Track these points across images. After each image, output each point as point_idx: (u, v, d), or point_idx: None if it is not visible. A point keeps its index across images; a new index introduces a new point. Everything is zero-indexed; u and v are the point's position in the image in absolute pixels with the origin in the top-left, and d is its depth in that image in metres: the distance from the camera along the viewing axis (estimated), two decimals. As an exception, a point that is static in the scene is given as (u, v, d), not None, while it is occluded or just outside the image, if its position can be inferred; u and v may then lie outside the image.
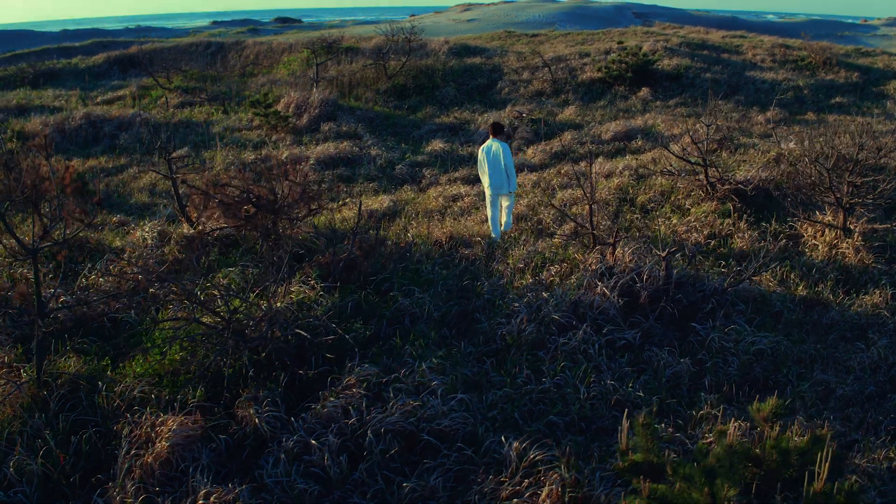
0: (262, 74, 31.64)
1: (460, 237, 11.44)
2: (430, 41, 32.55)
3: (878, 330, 8.48)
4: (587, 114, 22.19)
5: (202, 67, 33.79)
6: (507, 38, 37.19)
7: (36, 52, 44.66)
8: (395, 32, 29.20)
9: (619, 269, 8.78)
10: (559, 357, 7.57)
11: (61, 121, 21.39)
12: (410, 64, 27.67)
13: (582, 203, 13.00)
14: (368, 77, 27.16)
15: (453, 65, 28.29)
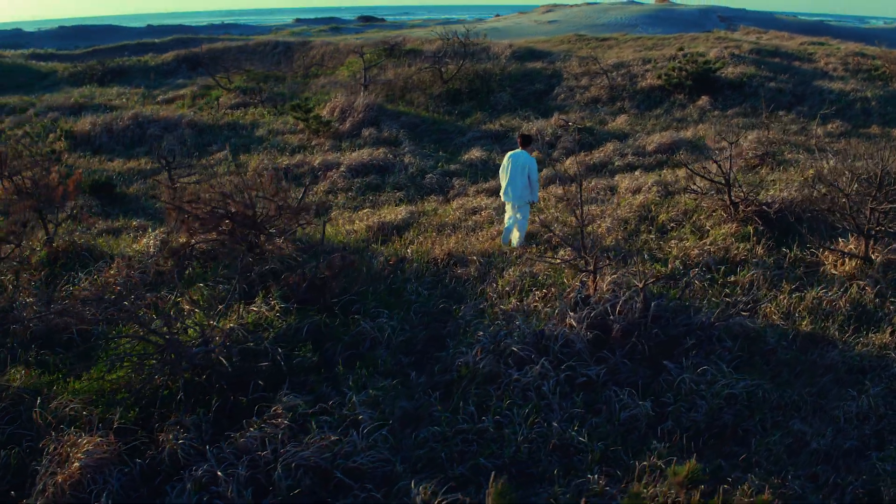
0: (324, 76, 31.81)
1: (459, 255, 11.06)
2: (494, 44, 32.14)
3: (877, 374, 7.76)
4: (639, 123, 21.46)
5: (268, 67, 34.24)
6: (576, 41, 36.44)
7: (115, 47, 46.09)
8: (449, 36, 28.88)
9: (595, 300, 8.27)
10: (511, 393, 7.15)
11: (110, 121, 21.88)
12: (467, 68, 27.33)
13: (601, 220, 12.49)
14: (425, 81, 26.94)
15: (512, 69, 27.83)
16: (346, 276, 9.34)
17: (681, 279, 9.99)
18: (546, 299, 9.10)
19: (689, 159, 17.11)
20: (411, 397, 7.24)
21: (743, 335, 8.29)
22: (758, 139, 17.55)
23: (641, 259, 10.70)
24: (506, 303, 9.17)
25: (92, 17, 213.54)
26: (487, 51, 31.48)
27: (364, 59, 27.32)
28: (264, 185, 9.83)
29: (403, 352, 8.24)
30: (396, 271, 10.53)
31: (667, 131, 19.50)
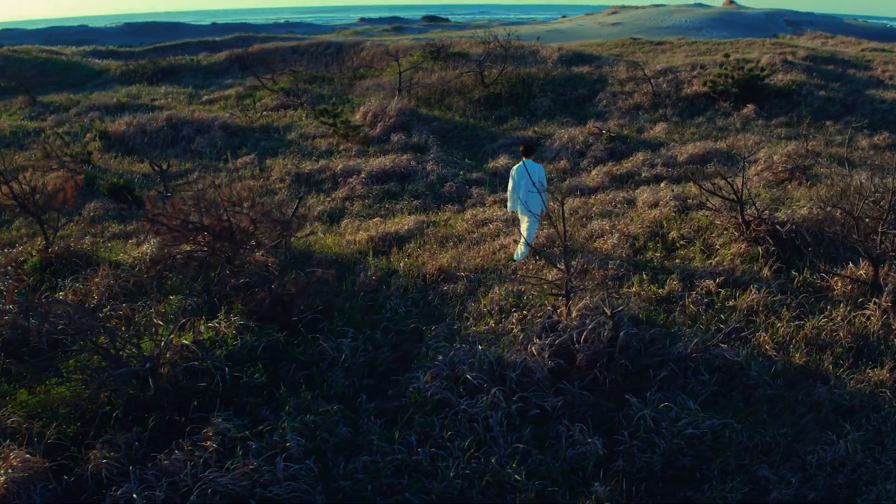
0: (370, 78, 31.70)
1: (450, 270, 10.74)
2: (543, 48, 31.67)
3: (866, 415, 7.20)
4: (679, 131, 20.76)
5: (318, 68, 34.30)
6: (630, 45, 35.71)
7: (176, 45, 46.92)
8: (489, 39, 28.53)
9: (562, 326, 7.87)
10: (457, 423, 6.82)
11: (144, 122, 22.12)
12: (509, 72, 26.96)
13: (609, 235, 12.02)
14: (467, 84, 26.64)
15: (557, 74, 27.31)
16: (318, 293, 9.11)
17: (677, 302, 9.51)
18: (524, 322, 8.72)
19: (721, 171, 16.46)
20: (354, 424, 6.96)
21: (724, 368, 7.79)
22: (795, 151, 16.77)
23: (640, 279, 10.22)
24: (482, 324, 8.83)
25: (160, 12, 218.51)
26: (535, 54, 31.05)
27: (400, 63, 27.13)
28: (242, 199, 9.61)
29: (364, 374, 7.98)
30: (382, 286, 10.28)
31: (700, 141, 18.79)
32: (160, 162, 12.04)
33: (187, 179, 15.94)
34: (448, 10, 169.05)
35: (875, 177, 12.15)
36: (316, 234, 12.94)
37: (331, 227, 14.28)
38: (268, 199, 14.39)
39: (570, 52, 31.01)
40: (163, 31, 79.90)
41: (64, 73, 36.15)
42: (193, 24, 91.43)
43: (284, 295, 8.64)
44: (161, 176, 11.26)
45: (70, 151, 19.39)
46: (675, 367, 7.64)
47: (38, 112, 26.66)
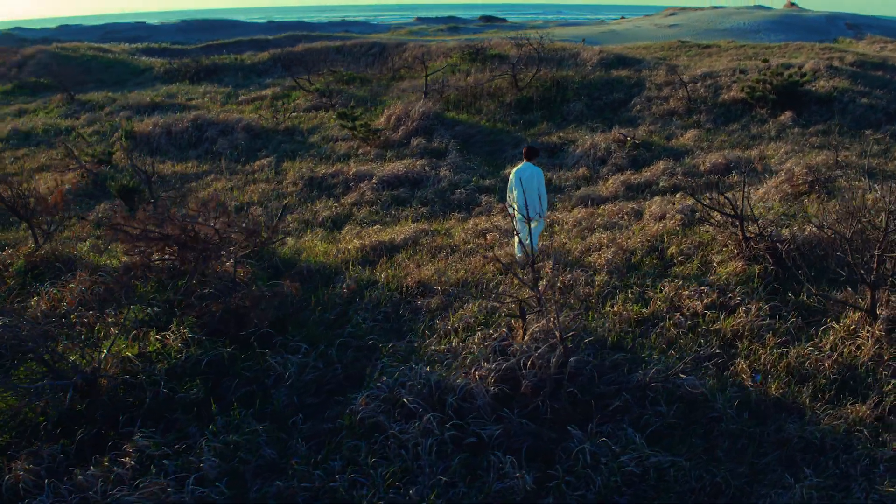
0: (409, 79, 31.45)
1: (430, 283, 10.42)
2: (584, 50, 31.10)
3: (835, 456, 6.66)
4: (709, 139, 20.06)
5: (361, 69, 34.20)
6: (677, 48, 34.87)
7: (229, 43, 47.41)
8: (522, 41, 28.07)
9: (513, 350, 7.48)
10: (386, 449, 6.50)
11: (170, 122, 22.26)
12: (545, 75, 26.49)
13: (606, 249, 11.55)
14: (500, 87, 26.23)
15: (594, 77, 26.72)
16: (280, 306, 8.88)
17: (658, 324, 9.04)
18: (485, 342, 8.35)
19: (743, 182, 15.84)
20: (284, 445, 6.69)
21: (687, 399, 7.31)
22: (824, 161, 16.03)
23: (625, 297, 9.76)
24: (444, 343, 8.48)
25: (219, 9, 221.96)
26: (576, 57, 30.50)
27: (428, 66, 26.89)
28: (210, 209, 9.43)
29: (311, 392, 7.71)
30: (356, 299, 10.01)
31: (726, 150, 18.12)
32: (145, 168, 11.90)
33: (181, 185, 15.88)
34: (511, 8, 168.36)
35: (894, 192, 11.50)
36: (286, 242, 12.68)
37: (331, 234, 14.08)
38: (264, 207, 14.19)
39: (611, 55, 30.37)
40: (218, 28, 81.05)
41: (108, 71, 36.78)
42: (249, 22, 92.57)
43: (239, 308, 8.42)
44: (145, 182, 11.10)
45: (91, 151, 19.57)
46: (631, 396, 7.19)
47: (74, 110, 27.12)
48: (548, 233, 12.98)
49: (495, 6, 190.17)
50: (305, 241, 13.29)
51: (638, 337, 8.67)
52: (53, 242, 12.04)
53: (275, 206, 15.91)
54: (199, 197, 16.28)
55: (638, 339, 8.60)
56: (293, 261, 11.43)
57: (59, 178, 17.85)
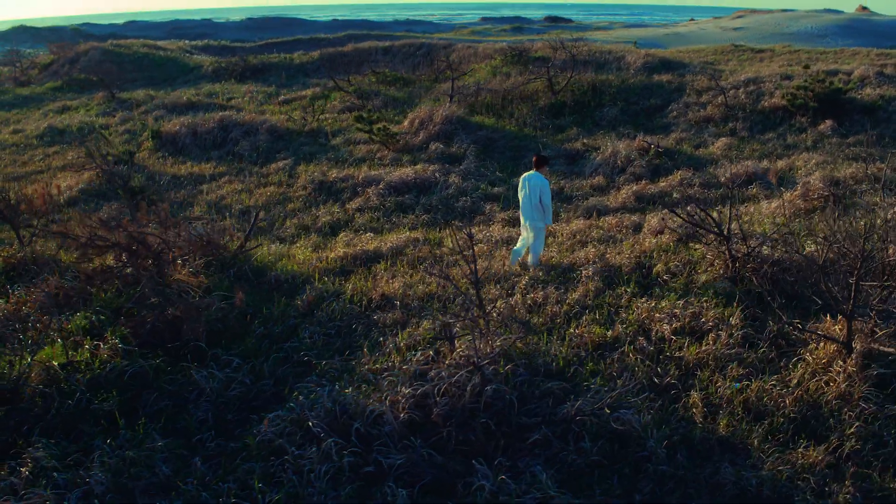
0: (450, 80, 31.08)
1: (395, 297, 10.08)
2: (629, 53, 30.36)
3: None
4: (741, 148, 19.20)
5: (408, 70, 33.98)
6: (730, 52, 33.73)
7: (288, 41, 47.81)
8: (557, 44, 27.48)
9: (432, 375, 7.07)
10: (283, 474, 6.20)
11: (197, 123, 22.35)
12: (584, 79, 25.86)
13: (591, 265, 11.03)
14: (536, 91, 25.71)
15: (634, 82, 25.96)
16: (225, 317, 8.65)
17: (618, 348, 8.53)
18: (422, 362, 7.96)
19: (763, 194, 15.08)
20: (185, 463, 6.46)
21: (617, 435, 6.80)
22: (854, 174, 15.14)
23: (592, 318, 9.27)
24: (382, 361, 8.13)
25: (287, 6, 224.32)
26: (620, 60, 29.79)
27: (452, 70, 26.48)
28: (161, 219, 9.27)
29: (234, 408, 7.45)
30: (314, 311, 9.74)
31: (753, 160, 17.29)
32: (124, 175, 11.82)
33: (193, 186, 15.83)
34: (582, 8, 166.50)
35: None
36: (267, 249, 12.47)
37: (325, 240, 13.86)
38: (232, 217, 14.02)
39: (656, 58, 29.54)
40: (282, 26, 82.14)
41: (159, 69, 37.35)
42: (313, 20, 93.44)
43: (175, 319, 8.21)
44: (123, 189, 11.02)
45: (112, 150, 19.78)
46: (553, 430, 6.72)
47: (112, 108, 27.57)
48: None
49: (568, 6, 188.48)
50: (291, 248, 13.08)
51: (591, 362, 8.17)
52: (37, 244, 12.08)
53: (278, 212, 15.78)
54: (205, 199, 16.28)
55: (590, 365, 8.10)
56: (266, 269, 11.20)
57: (75, 177, 18.06)
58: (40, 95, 32.63)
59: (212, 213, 15.73)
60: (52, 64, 39.32)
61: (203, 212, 15.90)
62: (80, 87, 32.43)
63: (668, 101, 24.12)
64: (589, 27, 76.54)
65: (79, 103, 29.54)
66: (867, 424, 6.99)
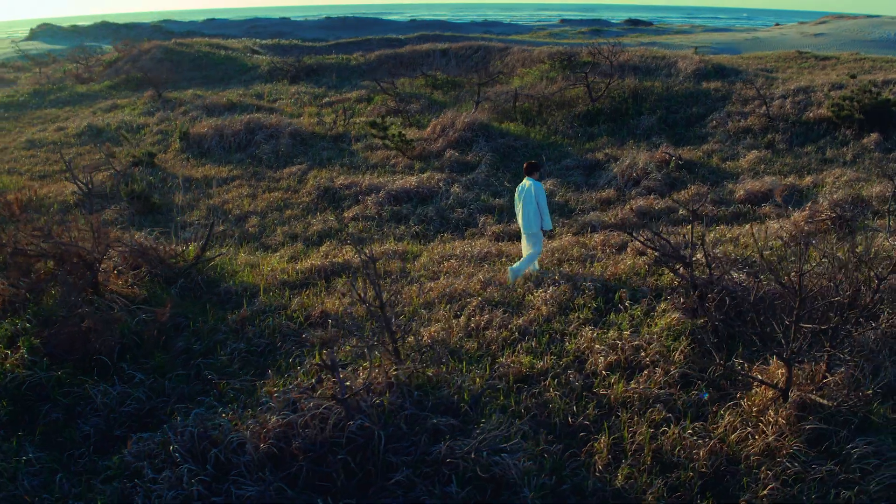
0: (501, 84, 30.53)
1: (334, 314, 9.70)
2: (682, 59, 29.19)
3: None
4: (772, 161, 18.12)
5: (462, 73, 33.52)
6: (793, 59, 32.13)
7: (359, 41, 47.90)
8: (594, 50, 26.62)
9: (302, 405, 6.65)
10: (132, 498, 5.92)
11: (224, 125, 22.43)
12: (629, 85, 24.99)
13: (552, 286, 10.43)
14: (575, 97, 24.97)
15: (679, 89, 24.96)
16: (141, 331, 8.43)
17: (541, 381, 7.96)
18: (314, 389, 7.54)
19: (776, 212, 14.14)
20: (50, 477, 6.26)
21: (490, 480, 6.25)
22: (880, 193, 14.08)
23: (528, 346, 8.70)
24: (282, 383, 7.76)
25: (369, 4, 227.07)
26: (671, 66, 28.71)
27: (478, 77, 25.94)
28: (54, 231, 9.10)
29: (125, 424, 7.23)
30: (246, 327, 9.44)
31: (779, 175, 16.29)
32: (88, 182, 11.72)
33: (203, 189, 15.73)
34: (666, 10, 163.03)
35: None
36: (230, 259, 12.24)
37: (309, 250, 13.59)
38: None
39: (710, 64, 28.35)
40: (359, 25, 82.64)
41: (217, 68, 37.83)
42: (390, 20, 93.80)
43: (88, 331, 8.00)
44: (87, 196, 10.92)
45: (134, 152, 19.98)
46: (420, 471, 6.23)
47: (157, 108, 27.97)
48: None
49: (655, 8, 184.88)
50: (267, 257, 12.86)
51: (504, 397, 7.62)
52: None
53: (273, 218, 15.61)
54: (208, 203, 16.23)
55: (500, 399, 7.55)
56: (215, 282, 10.97)
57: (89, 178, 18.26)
58: (96, 93, 33.44)
59: (210, 218, 15.66)
60: (116, 62, 40.31)
61: (201, 216, 15.84)
62: (136, 86, 33.08)
63: (710, 110, 23.08)
64: (668, 30, 74.61)
65: (128, 102, 30.12)
66: (785, 487, 6.26)
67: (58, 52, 55.23)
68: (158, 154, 21.38)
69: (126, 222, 15.35)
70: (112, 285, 9.54)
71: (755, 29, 76.21)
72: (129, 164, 19.56)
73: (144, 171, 19.05)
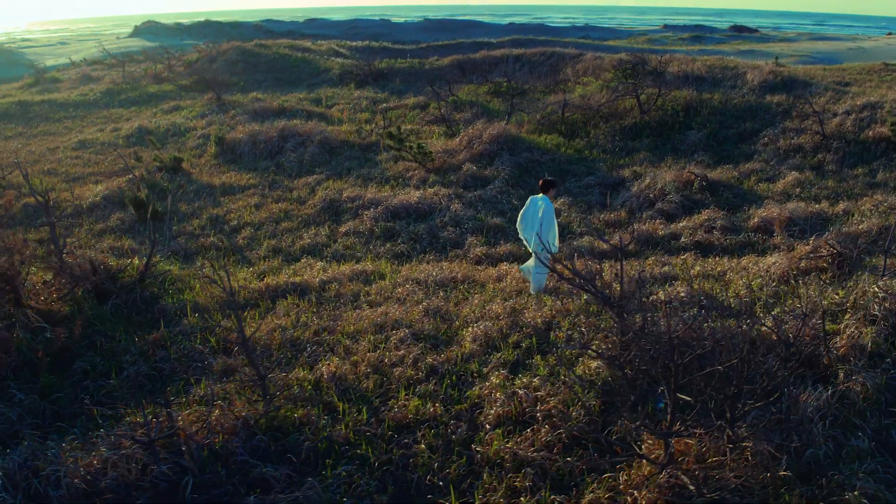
0: (565, 92, 29.61)
1: (249, 341, 9.31)
2: (751, 70, 27.57)
3: None
4: (813, 184, 16.71)
5: (533, 80, 32.75)
6: (878, 71, 29.91)
7: (449, 45, 47.78)
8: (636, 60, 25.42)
9: (124, 443, 6.27)
10: None
11: (257, 132, 22.43)
12: (681, 96, 23.76)
13: (487, 322, 9.76)
14: (625, 108, 23.91)
15: (737, 102, 23.53)
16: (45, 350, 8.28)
17: (417, 432, 7.36)
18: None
19: (786, 244, 12.94)
20: None
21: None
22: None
23: (427, 390, 8.09)
24: (138, 416, 7.41)
25: (466, 6, 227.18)
26: (740, 77, 27.17)
27: (505, 86, 25.10)
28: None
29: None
30: (157, 349, 9.18)
31: (790, 203, 14.98)
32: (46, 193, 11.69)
33: (214, 198, 15.67)
34: (777, 16, 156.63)
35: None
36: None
37: (281, 267, 13.29)
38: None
39: (780, 75, 26.64)
40: (458, 28, 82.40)
41: (290, 70, 38.17)
42: (490, 23, 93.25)
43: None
44: (44, 208, 10.89)
45: (161, 156, 20.20)
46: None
47: (213, 111, 28.33)
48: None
49: (768, 14, 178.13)
50: (237, 273, 12.62)
51: (371, 445, 7.05)
52: None
53: (267, 230, 15.39)
54: (212, 212, 16.18)
55: (364, 449, 6.98)
56: (152, 300, 10.74)
57: (108, 182, 18.58)
58: (165, 94, 34.21)
59: (207, 229, 15.60)
60: (196, 62, 41.25)
61: (200, 226, 15.79)
62: (204, 87, 33.61)
63: (766, 126, 21.62)
64: (773, 38, 71.43)
65: (189, 104, 30.67)
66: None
67: (151, 49, 57.06)
68: (191, 159, 21.59)
69: (126, 230, 15.46)
70: (33, 301, 9.43)
71: (863, 38, 72.23)
72: (154, 169, 19.75)
73: (167, 177, 19.20)
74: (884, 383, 7.10)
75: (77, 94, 35.57)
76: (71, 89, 38.34)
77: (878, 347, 7.83)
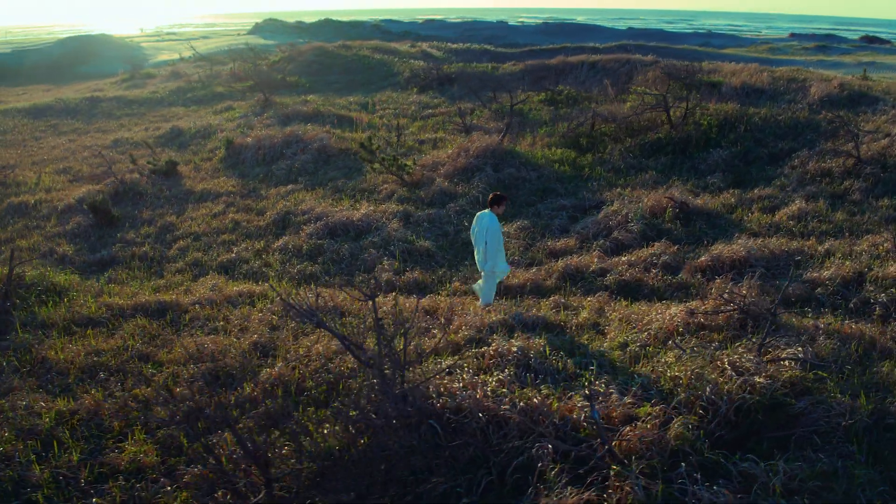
0: (613, 103, 27.91)
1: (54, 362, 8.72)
2: (816, 83, 25.03)
3: None
4: (814, 217, 14.61)
5: (602, 88, 31.23)
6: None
7: (554, 49, 46.59)
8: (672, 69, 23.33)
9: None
10: None
11: (264, 137, 22.12)
12: (719, 110, 21.84)
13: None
14: (654, 122, 22.13)
15: (784, 118, 21.28)
16: None
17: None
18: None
19: (729, 289, 11.22)
20: None
21: None
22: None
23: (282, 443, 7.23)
24: None
25: (585, 9, 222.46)
26: (804, 90, 24.72)
27: (512, 96, 23.56)
28: None
29: None
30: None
31: (785, 238, 13.11)
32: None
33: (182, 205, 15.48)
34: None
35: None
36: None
37: (182, 283, 12.70)
38: None
39: (848, 89, 24.03)
40: (577, 31, 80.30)
41: (364, 73, 37.92)
42: (610, 28, 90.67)
43: None
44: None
45: (156, 160, 20.15)
46: None
47: (254, 112, 28.18)
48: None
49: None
50: (140, 286, 12.13)
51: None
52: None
53: (204, 241, 14.85)
54: (166, 220, 15.84)
55: None
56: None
57: (90, 185, 18.60)
58: (231, 94, 34.48)
59: (151, 238, 15.22)
60: (279, 62, 41.61)
61: (148, 234, 15.47)
62: (271, 88, 33.52)
63: (804, 145, 19.38)
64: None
65: (240, 105, 30.76)
66: None
67: (262, 46, 57.89)
68: (199, 163, 21.46)
69: (78, 234, 15.34)
70: None
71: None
72: (147, 172, 19.68)
73: (155, 181, 19.09)
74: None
75: (148, 91, 36.45)
76: (157, 86, 39.32)
77: (685, 444, 6.25)
